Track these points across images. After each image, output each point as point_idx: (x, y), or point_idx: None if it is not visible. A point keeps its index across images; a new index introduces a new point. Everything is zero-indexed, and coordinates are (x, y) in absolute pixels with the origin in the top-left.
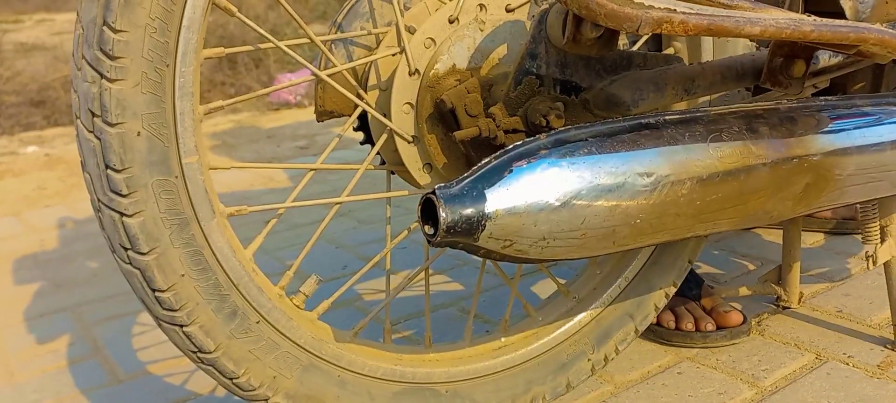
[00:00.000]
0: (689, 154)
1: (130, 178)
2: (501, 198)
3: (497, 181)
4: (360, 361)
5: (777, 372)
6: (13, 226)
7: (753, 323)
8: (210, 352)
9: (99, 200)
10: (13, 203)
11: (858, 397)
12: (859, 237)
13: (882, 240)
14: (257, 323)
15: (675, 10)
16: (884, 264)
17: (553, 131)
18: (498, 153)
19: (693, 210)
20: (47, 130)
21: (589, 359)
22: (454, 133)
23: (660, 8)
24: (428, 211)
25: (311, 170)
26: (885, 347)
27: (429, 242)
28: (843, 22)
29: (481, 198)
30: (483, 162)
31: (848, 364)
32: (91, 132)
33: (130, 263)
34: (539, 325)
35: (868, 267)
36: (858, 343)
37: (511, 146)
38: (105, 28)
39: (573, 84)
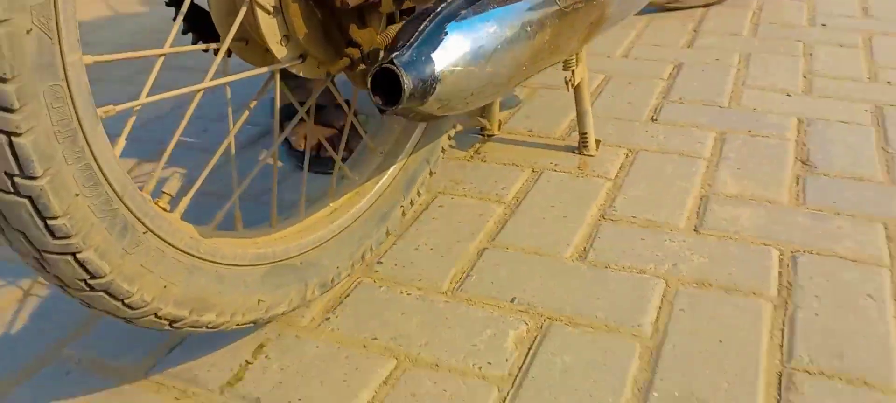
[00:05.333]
0: (548, 5)
1: (21, 89)
2: (445, 59)
3: (438, 43)
4: (230, 252)
5: (512, 188)
6: None
7: (472, 152)
8: (104, 276)
9: None
10: None
11: (577, 193)
12: None
13: (576, 66)
14: (144, 233)
15: None
16: (574, 86)
17: None
18: (418, 16)
19: (552, 47)
20: None
21: (401, 206)
22: None
23: None
24: (380, 82)
25: (162, 54)
26: (574, 152)
27: (381, 112)
28: None
29: (430, 61)
30: (408, 27)
31: (556, 170)
32: None
33: (17, 192)
34: (358, 185)
35: (568, 90)
36: (556, 154)
37: (431, 8)
38: None
39: None
